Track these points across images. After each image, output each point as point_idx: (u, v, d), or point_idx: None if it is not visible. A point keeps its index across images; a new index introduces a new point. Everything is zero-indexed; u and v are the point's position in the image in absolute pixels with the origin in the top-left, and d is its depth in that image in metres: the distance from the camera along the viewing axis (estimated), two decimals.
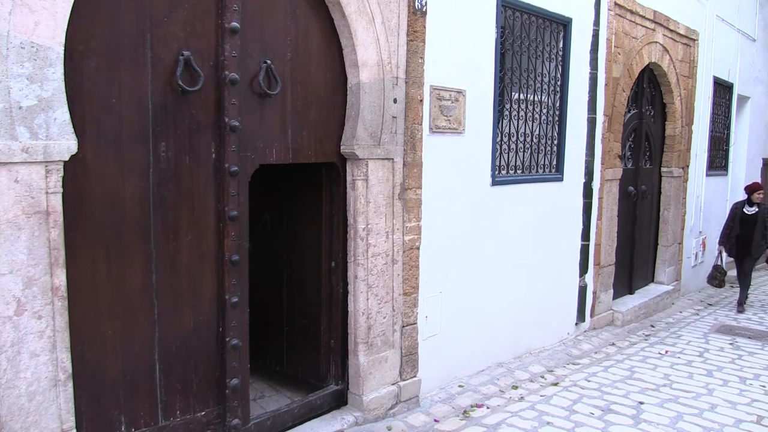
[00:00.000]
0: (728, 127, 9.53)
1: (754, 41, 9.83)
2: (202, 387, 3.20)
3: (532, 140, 5.38)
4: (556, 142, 5.63)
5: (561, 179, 5.68)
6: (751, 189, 7.79)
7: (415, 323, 4.23)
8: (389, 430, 3.88)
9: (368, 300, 3.86)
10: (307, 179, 3.96)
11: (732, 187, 9.75)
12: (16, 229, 2.36)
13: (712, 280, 8.12)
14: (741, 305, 7.76)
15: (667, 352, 5.74)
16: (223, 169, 3.13)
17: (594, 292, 6.30)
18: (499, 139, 4.96)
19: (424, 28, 4.02)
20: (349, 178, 3.79)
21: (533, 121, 5.38)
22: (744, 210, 7.72)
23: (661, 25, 6.95)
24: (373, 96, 3.74)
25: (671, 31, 7.20)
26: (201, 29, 3.01)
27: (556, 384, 4.85)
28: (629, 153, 7.16)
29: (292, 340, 4.27)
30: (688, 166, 8.07)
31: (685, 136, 7.94)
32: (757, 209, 7.65)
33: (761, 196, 7.68)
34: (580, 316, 6.14)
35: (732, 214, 7.87)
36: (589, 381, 4.95)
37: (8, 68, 2.29)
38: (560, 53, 5.54)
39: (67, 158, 2.47)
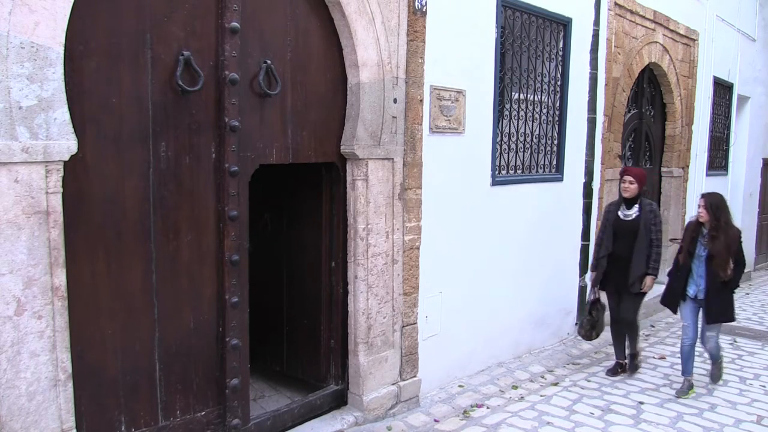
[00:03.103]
0: (728, 127, 9.53)
1: (754, 41, 9.83)
2: (202, 387, 3.20)
3: (532, 140, 5.38)
4: (556, 142, 5.63)
5: (561, 179, 5.68)
6: (620, 178, 4.99)
7: (415, 323, 4.23)
8: (389, 430, 3.88)
9: (368, 300, 3.86)
10: (307, 179, 3.95)
11: (732, 187, 9.75)
12: (16, 229, 2.35)
13: (582, 327, 5.18)
14: (615, 371, 5.00)
15: (663, 357, 5.66)
16: (223, 169, 3.13)
17: None
18: (499, 139, 4.95)
19: (424, 28, 4.02)
20: (349, 178, 3.79)
21: (533, 121, 5.38)
22: (619, 214, 4.90)
23: (661, 25, 6.95)
24: (373, 96, 3.74)
25: (671, 31, 7.20)
26: (201, 29, 3.01)
27: (556, 384, 4.85)
28: (629, 153, 7.17)
29: (292, 340, 4.27)
30: (688, 166, 8.07)
31: (685, 136, 7.95)
32: (638, 212, 4.81)
33: (629, 186, 4.79)
34: (581, 316, 6.14)
35: (603, 221, 5.09)
36: (589, 381, 4.95)
37: (8, 68, 2.29)
38: (560, 53, 5.54)
39: (67, 158, 2.47)
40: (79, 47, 2.57)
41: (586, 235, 6.03)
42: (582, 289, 6.09)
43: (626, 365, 5.10)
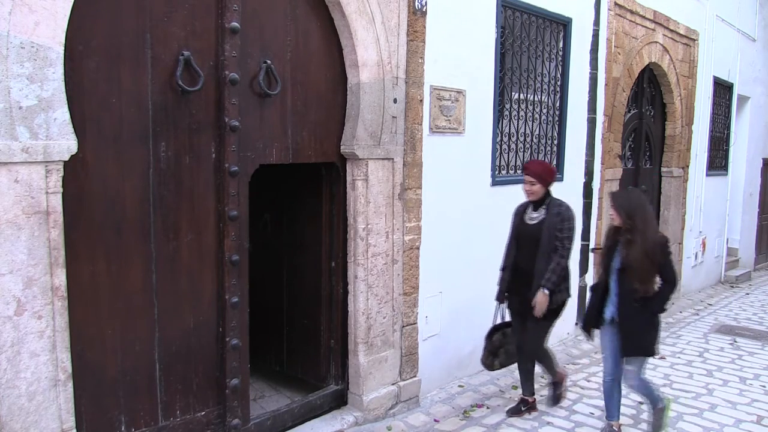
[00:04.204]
0: (728, 127, 9.53)
1: (754, 41, 9.83)
2: (202, 387, 3.20)
3: (532, 140, 5.38)
4: (556, 142, 5.63)
5: (561, 179, 5.67)
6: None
7: (415, 323, 4.23)
8: (389, 430, 3.88)
9: (368, 300, 3.86)
10: (307, 179, 3.95)
11: (732, 187, 9.75)
12: (16, 229, 2.35)
13: (487, 356, 4.22)
14: (517, 409, 4.19)
15: (663, 357, 5.60)
16: (223, 169, 3.13)
17: None
18: (499, 139, 4.96)
19: (424, 28, 4.02)
20: (349, 178, 3.79)
21: (533, 121, 5.38)
22: (524, 218, 4.06)
23: (661, 25, 6.95)
24: (373, 96, 3.74)
25: (671, 31, 7.20)
26: (201, 29, 3.01)
27: None
28: (629, 153, 7.17)
29: (292, 340, 4.27)
30: (688, 166, 8.07)
31: (685, 136, 7.95)
32: (544, 214, 3.95)
33: (530, 188, 3.96)
34: (580, 316, 6.13)
35: (511, 226, 4.17)
36: (589, 381, 4.94)
37: (8, 68, 2.29)
38: (560, 53, 5.54)
39: (67, 158, 2.47)
40: (79, 47, 2.57)
41: (585, 235, 6.04)
42: (582, 289, 6.09)
43: (534, 402, 4.24)
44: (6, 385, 2.37)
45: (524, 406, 4.23)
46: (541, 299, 3.81)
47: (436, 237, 4.33)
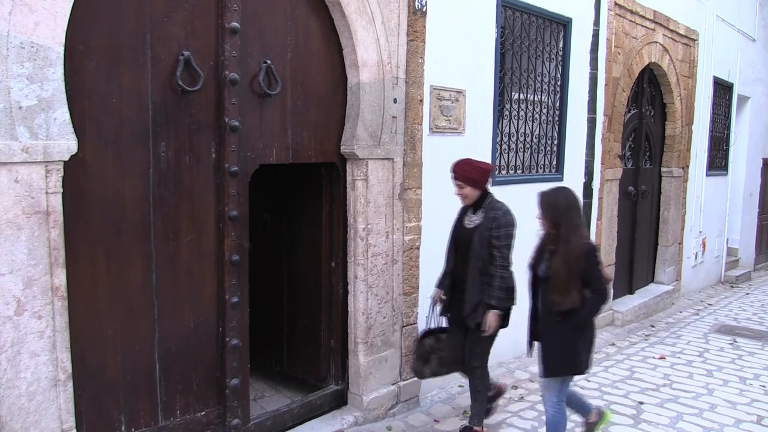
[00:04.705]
0: (728, 127, 9.53)
1: (754, 41, 9.83)
2: (202, 387, 3.20)
3: (532, 140, 5.38)
4: (556, 142, 5.63)
5: (561, 179, 5.67)
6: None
7: (415, 323, 4.23)
8: (389, 430, 3.88)
9: (368, 300, 3.86)
10: (307, 179, 3.96)
11: (732, 187, 9.75)
12: (16, 229, 2.36)
13: (416, 361, 3.80)
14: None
15: (663, 357, 5.63)
16: (223, 169, 3.13)
17: None
18: (499, 139, 4.96)
19: (424, 28, 4.03)
20: (349, 178, 3.79)
21: (533, 121, 5.38)
22: (464, 221, 3.73)
23: (661, 25, 6.95)
24: (373, 96, 3.74)
25: (671, 31, 7.20)
26: (201, 29, 3.01)
27: None
28: (629, 153, 7.16)
29: (292, 340, 4.27)
30: (688, 166, 8.07)
31: (685, 136, 7.94)
32: (481, 218, 3.62)
33: (460, 191, 3.66)
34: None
35: (451, 228, 3.84)
36: (589, 381, 4.94)
37: (8, 68, 2.29)
38: (560, 53, 5.54)
39: (67, 158, 2.47)
40: (79, 47, 2.57)
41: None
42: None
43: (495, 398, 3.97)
44: (6, 385, 2.37)
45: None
46: (491, 320, 3.52)
47: (436, 237, 4.32)
